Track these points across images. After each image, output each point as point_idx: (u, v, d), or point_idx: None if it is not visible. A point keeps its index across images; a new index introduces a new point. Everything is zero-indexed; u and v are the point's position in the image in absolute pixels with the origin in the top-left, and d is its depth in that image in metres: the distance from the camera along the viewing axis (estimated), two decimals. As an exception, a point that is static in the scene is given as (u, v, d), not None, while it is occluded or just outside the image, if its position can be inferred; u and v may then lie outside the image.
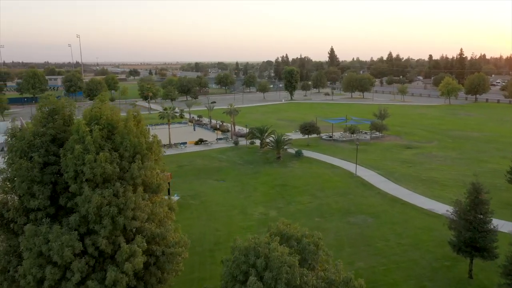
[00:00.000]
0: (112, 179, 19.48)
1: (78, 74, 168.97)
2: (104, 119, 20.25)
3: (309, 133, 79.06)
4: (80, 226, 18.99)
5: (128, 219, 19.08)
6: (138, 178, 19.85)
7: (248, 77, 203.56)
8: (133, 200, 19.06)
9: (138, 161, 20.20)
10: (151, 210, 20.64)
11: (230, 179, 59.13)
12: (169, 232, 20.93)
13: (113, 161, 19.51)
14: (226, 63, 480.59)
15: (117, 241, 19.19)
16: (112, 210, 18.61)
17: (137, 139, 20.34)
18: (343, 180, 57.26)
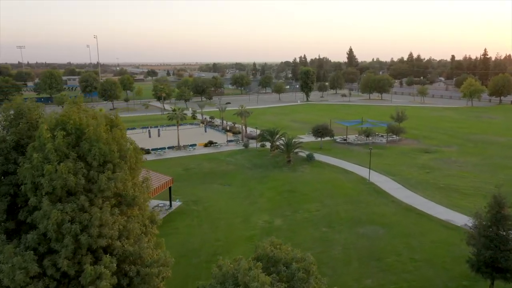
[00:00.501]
0: (77, 191, 17.39)
1: (94, 74, 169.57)
2: (71, 124, 18.17)
3: (322, 136, 76.12)
4: (40, 245, 16.99)
5: (93, 237, 16.95)
6: (107, 191, 17.70)
7: (264, 78, 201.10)
8: (98, 216, 16.92)
9: (108, 172, 18.05)
10: (124, 225, 18.47)
11: (236, 183, 56.83)
12: (145, 250, 18.67)
13: (78, 172, 17.43)
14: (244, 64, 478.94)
15: (83, 262, 17.09)
16: (74, 228, 16.53)
17: (108, 146, 18.18)
18: (355, 187, 54.22)
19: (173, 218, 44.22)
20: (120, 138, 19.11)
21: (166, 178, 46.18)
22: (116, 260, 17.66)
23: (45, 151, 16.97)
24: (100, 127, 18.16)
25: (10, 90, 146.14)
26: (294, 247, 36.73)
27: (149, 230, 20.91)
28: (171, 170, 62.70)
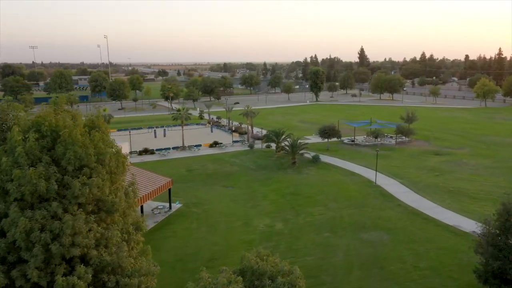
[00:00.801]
0: (50, 198, 16.41)
1: (104, 74, 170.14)
2: (46, 126, 17.20)
3: (328, 137, 74.56)
4: (10, 254, 16.06)
5: (65, 247, 15.96)
6: (81, 197, 16.67)
7: (273, 78, 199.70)
8: (70, 224, 15.91)
9: (83, 177, 17.01)
10: (102, 233, 17.43)
11: (239, 185, 55.69)
12: (124, 259, 17.60)
13: (51, 177, 16.45)
14: (254, 64, 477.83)
15: (56, 272, 16.11)
16: (44, 237, 15.57)
17: (85, 149, 17.15)
18: (360, 190, 52.64)
19: (172, 220, 43.26)
20: (98, 141, 18.05)
21: (166, 179, 45.26)
22: (92, 270, 16.66)
23: (15, 155, 16.07)
24: (77, 129, 17.14)
25: (20, 89, 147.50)
26: (294, 253, 35.77)
27: (133, 237, 19.81)
28: (174, 171, 61.91)
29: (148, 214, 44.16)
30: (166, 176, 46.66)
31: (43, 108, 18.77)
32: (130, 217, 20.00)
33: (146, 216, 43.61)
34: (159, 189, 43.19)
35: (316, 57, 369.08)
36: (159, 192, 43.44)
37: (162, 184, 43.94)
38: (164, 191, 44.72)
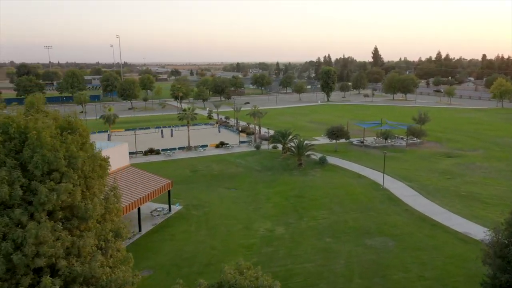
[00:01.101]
0: (13, 204, 15.48)
1: (115, 74, 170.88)
2: (14, 127, 16.29)
3: (336, 138, 72.86)
4: (-28, 263, 15.21)
5: (28, 257, 15.03)
6: (48, 203, 15.70)
7: (284, 78, 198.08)
8: (33, 233, 14.95)
9: (50, 182, 16.03)
10: (72, 242, 16.44)
11: (243, 187, 54.53)
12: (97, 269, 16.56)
13: (15, 182, 15.53)
14: (267, 64, 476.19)
15: (21, 283, 15.19)
16: (5, 246, 14.64)
17: (54, 153, 16.18)
18: (367, 193, 50.96)
19: (170, 223, 42.31)
20: (71, 144, 17.05)
21: (165, 181, 44.35)
22: (62, 281, 15.69)
23: (-24, 158, 15.22)
24: (46, 131, 16.18)
25: (33, 89, 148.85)
26: (293, 259, 34.43)
27: (111, 245, 18.78)
28: (178, 172, 61.14)
29: (147, 216, 43.35)
30: (166, 177, 45.69)
31: (16, 109, 17.85)
32: (109, 224, 18.96)
33: (145, 218, 42.89)
34: (157, 191, 42.30)
35: (329, 57, 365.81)
36: (158, 194, 42.55)
37: (160, 186, 43.03)
38: (163, 193, 43.83)
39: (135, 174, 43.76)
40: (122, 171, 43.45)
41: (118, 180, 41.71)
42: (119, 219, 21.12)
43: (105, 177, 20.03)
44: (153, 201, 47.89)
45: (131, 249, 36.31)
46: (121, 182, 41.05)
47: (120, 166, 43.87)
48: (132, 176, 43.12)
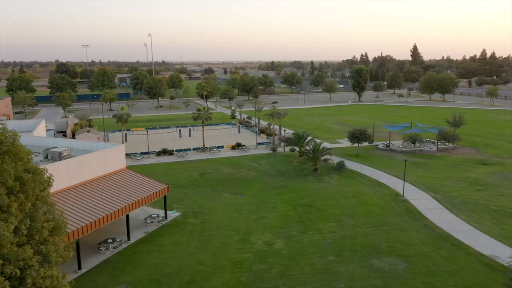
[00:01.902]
0: None
1: (145, 72, 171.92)
2: None
3: (358, 142, 67.90)
4: None
5: None
6: None
7: (315, 76, 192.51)
8: None
9: None
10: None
11: (250, 193, 51.12)
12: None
13: None
14: (303, 62, 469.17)
15: None
16: None
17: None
18: (384, 204, 46.18)
19: (163, 232, 39.52)
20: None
21: (160, 186, 41.64)
22: None
23: None
24: None
25: (65, 86, 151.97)
26: (286, 280, 30.52)
27: (31, 273, 15.92)
28: (186, 174, 58.58)
29: (140, 223, 40.84)
30: (162, 182, 42.96)
31: None
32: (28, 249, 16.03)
33: (139, 225, 40.41)
34: (150, 197, 39.64)
35: (366, 55, 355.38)
36: (151, 200, 39.89)
37: (154, 192, 40.34)
38: (158, 198, 41.15)
39: (129, 178, 41.34)
40: (116, 174, 41.18)
41: (110, 184, 39.62)
42: (60, 238, 18.27)
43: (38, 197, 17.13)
44: (152, 206, 45.63)
45: (113, 260, 33.90)
46: (112, 186, 38.79)
47: (115, 169, 41.65)
48: (126, 180, 40.72)
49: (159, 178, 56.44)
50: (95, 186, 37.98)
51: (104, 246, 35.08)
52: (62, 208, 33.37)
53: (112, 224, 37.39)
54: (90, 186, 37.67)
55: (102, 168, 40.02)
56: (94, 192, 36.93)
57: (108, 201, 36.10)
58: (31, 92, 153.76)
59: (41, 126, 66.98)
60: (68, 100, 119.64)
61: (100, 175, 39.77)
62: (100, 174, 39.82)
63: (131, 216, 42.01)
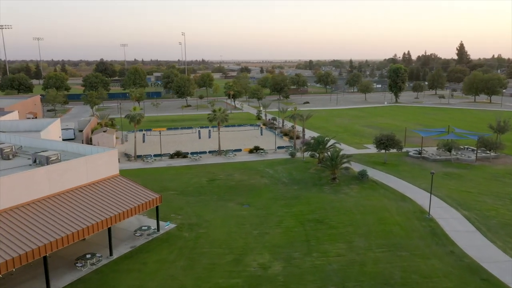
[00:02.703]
0: None
1: (176, 71, 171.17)
2: None
3: (386, 148, 61.76)
4: None
5: None
6: None
7: (351, 76, 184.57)
8: None
9: None
10: None
11: (258, 203, 46.78)
12: None
13: None
14: (343, 61, 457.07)
15: None
16: None
17: None
18: (405, 223, 40.44)
19: (151, 247, 35.96)
20: None
21: (152, 195, 38.12)
22: None
23: None
24: None
25: (98, 85, 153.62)
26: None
27: None
28: (193, 180, 55.07)
29: (129, 236, 37.54)
30: (153, 192, 39.41)
31: None
32: None
33: (127, 238, 37.18)
34: (138, 208, 36.19)
35: (409, 54, 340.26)
36: (137, 212, 36.43)
37: (144, 202, 36.86)
38: (146, 210, 37.69)
39: (119, 186, 38.14)
40: (106, 181, 38.11)
41: (96, 192, 36.57)
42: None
43: None
44: (148, 216, 42.35)
45: (88, 279, 30.65)
46: (98, 195, 35.70)
47: (105, 176, 38.59)
48: (115, 188, 37.54)
49: (166, 184, 53.49)
50: (79, 194, 35.00)
51: (82, 262, 31.94)
52: (37, 219, 30.69)
53: (97, 235, 34.34)
54: (74, 195, 34.72)
55: (90, 175, 37.02)
56: (76, 201, 33.92)
57: (89, 213, 32.96)
58: (65, 90, 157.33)
59: (54, 126, 65.75)
60: (96, 98, 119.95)
61: (88, 182, 36.78)
62: (88, 181, 36.83)
63: (120, 227, 38.96)
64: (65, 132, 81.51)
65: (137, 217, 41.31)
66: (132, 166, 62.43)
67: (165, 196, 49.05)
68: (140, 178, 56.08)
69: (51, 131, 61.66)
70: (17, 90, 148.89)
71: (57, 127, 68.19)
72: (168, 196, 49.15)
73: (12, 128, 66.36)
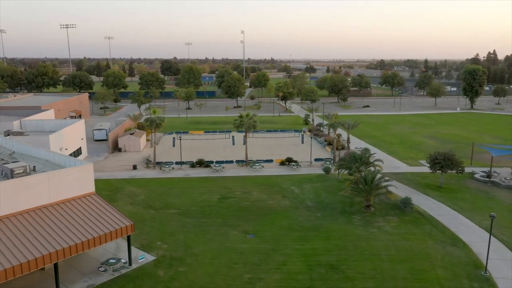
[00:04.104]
0: None
1: (231, 70, 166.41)
2: None
3: (441, 169, 49.99)
4: None
5: None
6: None
7: (421, 77, 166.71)
8: None
9: None
10: None
11: (267, 233, 38.51)
12: None
13: None
14: (417, 61, 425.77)
15: None
16: None
17: None
18: (450, 282, 29.78)
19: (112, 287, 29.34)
20: None
21: (122, 222, 31.49)
22: None
23: None
24: None
25: (153, 83, 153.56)
26: None
27: None
28: (203, 197, 48.06)
29: (92, 271, 31.22)
30: (126, 218, 32.69)
31: None
32: None
33: (89, 273, 30.94)
34: (100, 239, 29.72)
35: (494, 53, 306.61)
36: (99, 243, 29.91)
37: (110, 231, 30.34)
38: (112, 240, 31.10)
39: (88, 209, 32.06)
40: (74, 202, 32.28)
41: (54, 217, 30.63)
42: None
43: None
44: (138, 247, 35.90)
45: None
46: (55, 220, 29.81)
47: (76, 195, 32.82)
48: (81, 211, 31.52)
49: (170, 200, 47.10)
50: (34, 218, 29.41)
51: (17, 305, 26.14)
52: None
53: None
54: (27, 218, 29.19)
55: (54, 194, 31.41)
56: (23, 228, 28.29)
57: (32, 244, 27.09)
58: (123, 88, 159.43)
59: (74, 127, 62.57)
60: (144, 97, 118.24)
61: (50, 202, 31.20)
62: (51, 201, 31.26)
63: (90, 255, 32.93)
64: (97, 132, 79.06)
65: (117, 242, 35.10)
66: (146, 174, 57.03)
67: (163, 215, 42.68)
68: (146, 190, 50.45)
69: (65, 134, 58.25)
70: (79, 87, 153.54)
71: (79, 128, 65.09)
72: (167, 215, 42.63)
73: (37, 128, 64.44)
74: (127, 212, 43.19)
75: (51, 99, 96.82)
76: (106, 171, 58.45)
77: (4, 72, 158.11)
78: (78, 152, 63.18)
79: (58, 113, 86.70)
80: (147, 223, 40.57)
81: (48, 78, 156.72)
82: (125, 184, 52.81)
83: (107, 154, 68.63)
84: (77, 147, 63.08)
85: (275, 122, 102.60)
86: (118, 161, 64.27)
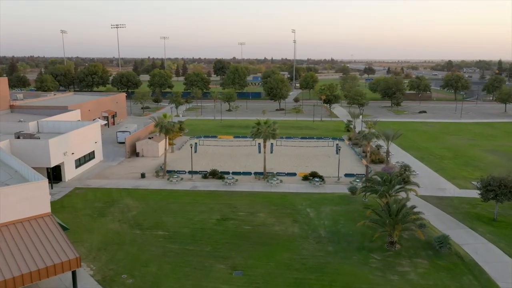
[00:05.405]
0: None
1: (277, 70, 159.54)
2: None
3: (496, 198, 39.72)
4: None
5: None
6: None
7: (491, 80, 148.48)
8: None
9: None
10: None
11: (258, 272, 31.54)
12: None
13: None
14: (491, 62, 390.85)
15: None
16: None
17: None
18: None
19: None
20: None
21: (67, 255, 26.06)
22: None
23: None
24: None
25: (198, 84, 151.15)
26: None
27: None
28: (199, 218, 41.97)
29: (31, 309, 26.16)
30: (75, 248, 27.21)
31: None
32: None
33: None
34: (33, 275, 24.46)
35: None
36: (32, 281, 24.66)
37: (47, 266, 25.02)
38: (51, 277, 25.73)
39: (30, 236, 27.10)
40: (14, 226, 27.46)
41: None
42: None
43: None
44: (99, 280, 30.64)
45: None
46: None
47: (22, 217, 28.14)
48: (21, 239, 26.59)
49: (163, 218, 41.48)
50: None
51: None
52: None
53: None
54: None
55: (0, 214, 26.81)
56: None
57: None
58: (168, 88, 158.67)
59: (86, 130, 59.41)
60: (181, 98, 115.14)
61: None
62: None
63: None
64: (121, 134, 76.03)
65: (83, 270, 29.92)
66: (152, 184, 52.07)
67: (147, 238, 37.13)
68: (142, 204, 45.32)
69: (71, 137, 54.94)
70: (126, 86, 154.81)
71: (93, 130, 61.79)
72: (151, 238, 37.03)
73: (54, 129, 62.27)
74: (111, 231, 38.31)
75: (88, 98, 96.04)
76: (112, 179, 54.40)
77: (58, 71, 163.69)
78: (89, 157, 59.90)
79: (89, 113, 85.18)
80: (123, 248, 35.17)
81: (98, 77, 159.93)
82: (124, 195, 48.15)
83: (123, 159, 64.94)
84: (89, 151, 59.76)
85: (314, 128, 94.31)
86: (130, 167, 60.16)
